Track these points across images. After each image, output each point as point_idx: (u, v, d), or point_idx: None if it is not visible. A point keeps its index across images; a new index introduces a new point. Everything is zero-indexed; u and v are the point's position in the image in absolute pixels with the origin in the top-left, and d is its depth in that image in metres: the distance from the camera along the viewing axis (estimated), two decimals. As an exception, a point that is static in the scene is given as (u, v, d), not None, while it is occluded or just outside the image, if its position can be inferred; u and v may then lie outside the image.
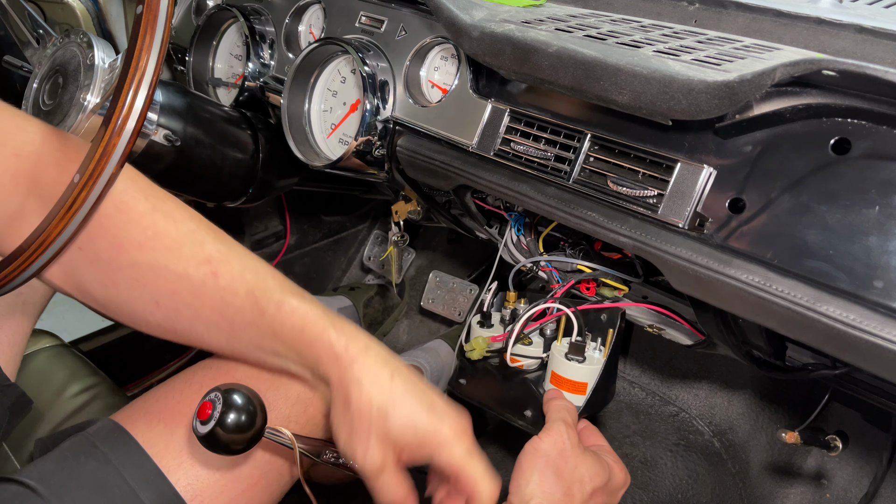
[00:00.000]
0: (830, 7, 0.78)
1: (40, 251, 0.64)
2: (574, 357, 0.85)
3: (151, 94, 0.64)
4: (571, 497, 0.75)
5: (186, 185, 1.08)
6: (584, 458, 0.78)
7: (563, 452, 0.77)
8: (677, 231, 0.69)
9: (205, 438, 0.62)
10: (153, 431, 0.76)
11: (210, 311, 0.71)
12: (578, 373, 0.86)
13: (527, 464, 0.76)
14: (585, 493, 0.76)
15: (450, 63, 0.95)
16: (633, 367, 1.45)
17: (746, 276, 0.63)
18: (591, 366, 0.86)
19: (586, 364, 0.85)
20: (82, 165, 0.62)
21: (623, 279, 0.89)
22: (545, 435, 0.78)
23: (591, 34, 0.75)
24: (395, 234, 1.13)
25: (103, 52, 0.84)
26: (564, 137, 0.79)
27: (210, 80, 1.25)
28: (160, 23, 0.62)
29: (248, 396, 0.64)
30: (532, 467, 0.76)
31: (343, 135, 1.06)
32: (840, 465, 1.24)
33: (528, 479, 0.75)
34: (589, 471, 0.77)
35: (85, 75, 0.82)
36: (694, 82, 0.62)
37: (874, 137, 0.60)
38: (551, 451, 0.77)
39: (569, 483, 0.75)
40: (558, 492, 0.74)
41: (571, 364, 0.85)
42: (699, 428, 1.36)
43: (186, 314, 0.72)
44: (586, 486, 0.76)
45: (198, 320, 0.72)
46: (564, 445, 0.77)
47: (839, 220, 0.60)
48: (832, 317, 0.58)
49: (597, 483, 0.77)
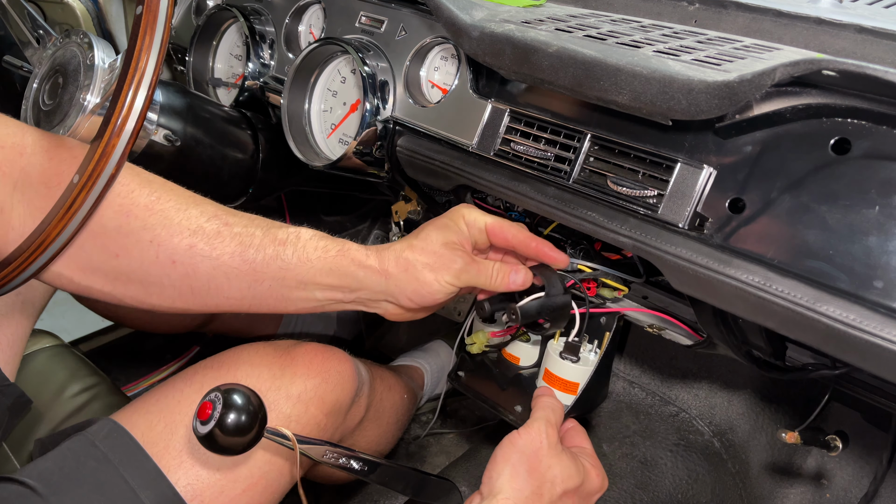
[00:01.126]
0: (830, 7, 0.78)
1: (40, 251, 0.65)
2: (568, 356, 0.86)
3: (151, 94, 0.64)
4: (540, 496, 0.75)
5: (186, 185, 1.06)
6: (559, 458, 0.78)
7: (538, 451, 0.77)
8: (677, 231, 0.69)
9: (205, 439, 0.61)
10: (153, 431, 0.76)
11: (230, 257, 0.73)
12: (571, 372, 0.86)
13: (501, 457, 0.77)
14: (555, 494, 0.76)
15: (450, 63, 0.95)
16: (633, 367, 1.45)
17: (746, 276, 0.63)
18: (585, 366, 0.86)
19: (580, 364, 0.86)
20: (82, 166, 0.63)
21: (623, 279, 0.89)
22: (524, 431, 0.79)
23: (591, 34, 0.75)
24: (396, 235, 1.13)
25: (103, 52, 0.84)
26: (564, 137, 0.79)
27: (210, 80, 1.25)
28: (160, 23, 0.62)
29: (249, 396, 0.63)
30: (505, 461, 0.76)
31: (343, 135, 1.06)
32: (840, 466, 1.24)
33: (499, 472, 0.75)
34: (563, 472, 0.77)
35: (85, 75, 0.82)
36: (694, 82, 0.62)
37: (874, 137, 0.60)
38: (527, 448, 0.77)
39: (540, 482, 0.75)
40: (527, 489, 0.74)
41: (565, 363, 0.86)
42: (699, 428, 1.36)
43: (205, 266, 0.72)
44: (557, 487, 0.76)
45: (217, 270, 0.73)
46: (541, 444, 0.77)
47: (839, 220, 0.60)
48: (832, 317, 0.58)
49: (569, 485, 0.77)
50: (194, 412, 0.62)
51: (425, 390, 1.42)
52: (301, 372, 0.83)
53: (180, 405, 0.78)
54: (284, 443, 0.70)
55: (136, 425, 0.77)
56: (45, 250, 0.64)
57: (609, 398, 1.43)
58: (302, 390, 0.81)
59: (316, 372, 0.84)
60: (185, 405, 0.78)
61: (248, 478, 0.77)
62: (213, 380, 0.80)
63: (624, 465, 1.33)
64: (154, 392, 0.82)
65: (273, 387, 0.81)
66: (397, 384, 1.15)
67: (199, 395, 0.63)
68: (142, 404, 0.80)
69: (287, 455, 0.79)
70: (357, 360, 0.93)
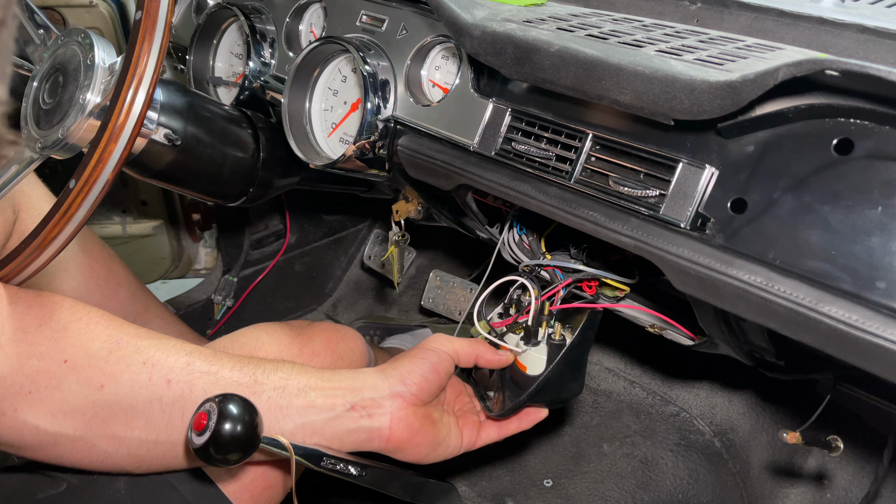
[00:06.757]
0: (833, 7, 0.78)
1: (35, 254, 0.65)
2: (525, 342, 0.87)
3: (149, 99, 0.64)
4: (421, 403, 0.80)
5: (187, 184, 1.08)
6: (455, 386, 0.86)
7: (449, 371, 0.83)
8: (679, 231, 0.69)
9: (200, 450, 0.61)
10: None
11: (230, 370, 0.73)
12: (527, 358, 0.86)
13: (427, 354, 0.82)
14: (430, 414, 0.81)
15: (451, 62, 0.95)
16: (634, 366, 1.45)
17: (748, 277, 0.62)
18: (540, 354, 0.86)
19: (534, 351, 0.86)
20: (78, 170, 0.63)
21: (623, 279, 0.89)
22: (459, 343, 0.84)
23: (592, 34, 0.75)
24: (396, 234, 1.13)
25: (104, 51, 0.83)
26: (566, 137, 0.79)
27: (210, 79, 1.24)
28: (159, 28, 0.62)
29: (244, 405, 0.63)
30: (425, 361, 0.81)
31: (344, 134, 1.06)
32: (841, 466, 1.23)
33: (412, 370, 0.80)
34: (443, 396, 0.84)
35: (85, 75, 0.82)
36: (696, 82, 0.62)
37: (877, 138, 0.60)
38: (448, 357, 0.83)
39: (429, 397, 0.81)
40: (424, 395, 0.79)
41: (527, 351, 0.87)
42: (700, 428, 1.36)
43: (202, 383, 0.71)
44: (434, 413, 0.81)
45: (216, 385, 0.71)
46: (450, 367, 0.83)
47: (842, 221, 0.60)
48: (834, 317, 0.58)
49: (437, 437, 0.81)
50: (189, 424, 0.62)
51: None
52: (319, 350, 0.86)
53: None
54: (281, 453, 0.69)
55: None
56: (40, 254, 0.65)
57: (610, 398, 1.43)
58: (321, 368, 0.82)
59: (332, 350, 0.86)
60: None
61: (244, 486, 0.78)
62: None
63: (625, 464, 1.33)
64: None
65: None
66: None
67: None
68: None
69: (284, 463, 0.78)
70: None
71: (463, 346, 0.84)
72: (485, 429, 0.87)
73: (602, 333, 0.92)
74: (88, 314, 0.70)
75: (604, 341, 1.48)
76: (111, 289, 1.19)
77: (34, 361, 0.65)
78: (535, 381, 0.85)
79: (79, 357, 0.67)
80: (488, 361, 0.86)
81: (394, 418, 0.76)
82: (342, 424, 0.74)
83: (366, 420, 0.75)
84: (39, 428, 0.67)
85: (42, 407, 0.66)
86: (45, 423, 0.67)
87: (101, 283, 1.18)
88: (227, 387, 0.69)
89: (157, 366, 0.69)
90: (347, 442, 0.75)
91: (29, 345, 0.66)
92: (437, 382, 0.81)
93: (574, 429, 1.40)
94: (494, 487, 1.33)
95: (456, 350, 0.83)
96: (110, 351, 0.68)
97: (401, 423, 0.76)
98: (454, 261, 1.70)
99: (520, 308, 0.91)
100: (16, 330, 0.66)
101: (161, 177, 1.02)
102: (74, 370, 0.67)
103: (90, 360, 0.67)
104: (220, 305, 1.66)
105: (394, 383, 0.77)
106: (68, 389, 0.67)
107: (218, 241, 1.77)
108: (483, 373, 0.97)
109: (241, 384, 0.71)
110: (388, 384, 0.77)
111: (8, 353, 0.65)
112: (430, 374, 0.79)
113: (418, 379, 0.79)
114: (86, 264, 1.15)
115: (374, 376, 0.78)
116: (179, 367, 0.69)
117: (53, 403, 0.66)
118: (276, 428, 0.71)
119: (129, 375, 0.68)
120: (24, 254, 0.65)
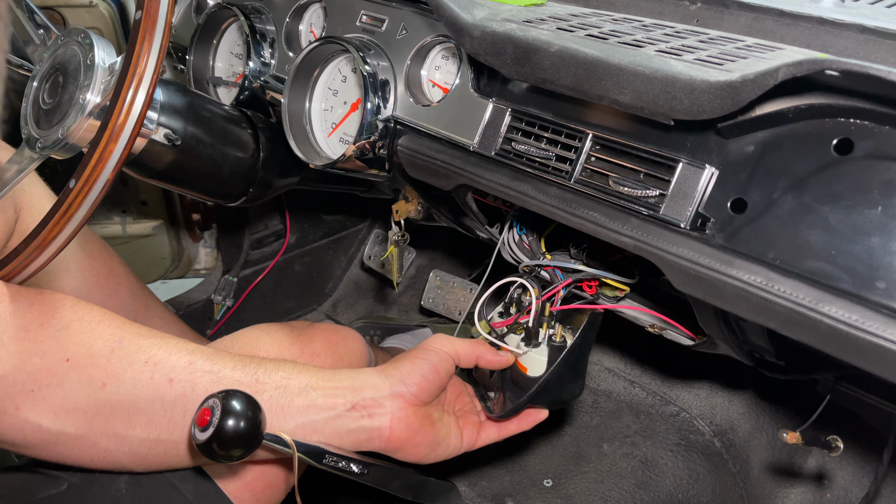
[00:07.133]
0: (832, 7, 0.78)
1: (36, 254, 0.65)
2: (525, 343, 0.87)
3: (149, 100, 0.64)
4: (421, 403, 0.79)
5: (187, 184, 1.08)
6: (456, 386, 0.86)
7: (450, 371, 0.83)
8: (679, 231, 0.69)
9: (204, 446, 0.61)
10: None
11: (231, 370, 0.73)
12: (527, 360, 0.86)
13: (428, 354, 0.82)
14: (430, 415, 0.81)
15: (451, 62, 0.95)
16: (634, 366, 1.45)
17: (748, 277, 0.62)
18: (540, 356, 0.86)
19: (535, 352, 0.86)
20: (77, 171, 0.63)
21: (623, 279, 0.89)
22: (459, 344, 0.84)
23: (592, 34, 0.75)
24: (396, 234, 1.13)
25: (104, 51, 0.83)
26: (566, 137, 0.79)
27: (210, 78, 1.24)
28: (158, 28, 0.62)
29: (247, 401, 0.63)
30: (426, 360, 0.81)
31: (344, 134, 1.06)
32: (841, 466, 1.23)
33: (413, 370, 0.80)
34: (443, 396, 0.84)
35: (85, 75, 0.82)
36: (696, 82, 0.62)
37: (877, 138, 0.60)
38: (448, 357, 0.83)
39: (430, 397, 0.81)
40: (424, 395, 0.79)
41: (528, 352, 0.86)
42: (700, 428, 1.36)
43: (204, 382, 0.71)
44: (433, 414, 0.81)
45: (217, 384, 0.72)
46: (451, 368, 0.83)
47: (841, 221, 0.60)
48: (834, 317, 0.58)
49: (436, 437, 0.81)
50: (192, 420, 0.62)
51: None
52: (320, 351, 0.86)
53: None
54: (283, 450, 0.69)
55: None
56: (40, 254, 0.65)
57: (609, 398, 1.43)
58: (322, 368, 0.82)
59: (333, 351, 0.86)
60: None
61: (246, 483, 0.78)
62: None
63: (624, 464, 1.33)
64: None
65: None
66: None
67: None
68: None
69: (287, 459, 0.79)
70: None
71: (463, 347, 0.84)
72: (485, 429, 0.87)
73: (602, 333, 0.92)
74: (90, 313, 0.70)
75: (604, 341, 1.48)
76: (111, 288, 1.19)
77: (36, 359, 0.65)
78: (536, 383, 0.85)
79: (81, 355, 0.67)
80: (489, 362, 0.86)
81: (394, 418, 0.76)
82: (343, 424, 0.74)
83: (366, 420, 0.75)
84: (41, 426, 0.67)
85: (44, 405, 0.66)
86: (47, 421, 0.67)
87: (101, 283, 1.18)
88: (228, 385, 0.69)
89: (160, 364, 0.69)
90: (348, 441, 0.75)
91: (31, 343, 0.66)
92: (438, 383, 0.81)
93: (574, 429, 1.40)
94: (494, 487, 1.33)
95: (456, 350, 0.83)
96: (112, 349, 0.68)
97: (401, 423, 0.76)
98: (454, 261, 1.70)
99: (520, 308, 0.91)
100: (18, 328, 0.66)
101: (161, 177, 1.02)
102: (76, 368, 0.67)
103: (92, 358, 0.67)
104: (219, 305, 1.66)
105: (394, 383, 0.77)
106: (70, 387, 0.67)
107: (218, 241, 1.77)
108: (483, 373, 0.97)
109: (243, 383, 0.71)
110: (388, 384, 0.77)
111: (10, 351, 0.65)
112: (430, 374, 0.79)
113: (419, 379, 0.79)
114: (86, 264, 1.15)
115: (374, 376, 0.78)
116: (181, 365, 0.69)
117: (55, 401, 0.67)
118: (278, 427, 0.71)
119: (131, 374, 0.68)
120: (25, 253, 0.65)
